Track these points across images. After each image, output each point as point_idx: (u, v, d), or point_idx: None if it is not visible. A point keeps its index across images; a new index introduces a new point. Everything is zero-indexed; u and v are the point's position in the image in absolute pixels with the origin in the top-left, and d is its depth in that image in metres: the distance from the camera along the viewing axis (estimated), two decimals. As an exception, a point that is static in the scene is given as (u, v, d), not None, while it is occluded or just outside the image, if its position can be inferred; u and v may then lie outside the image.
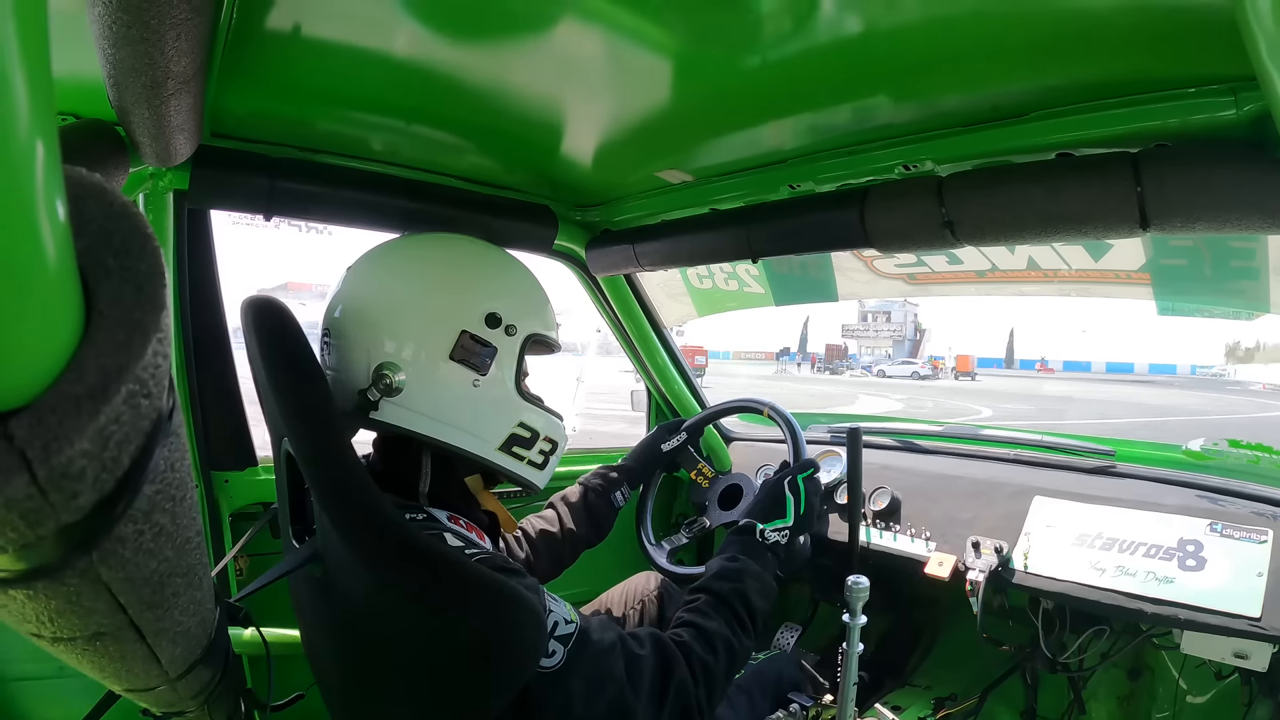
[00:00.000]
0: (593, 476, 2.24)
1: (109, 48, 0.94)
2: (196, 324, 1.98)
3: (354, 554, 1.23)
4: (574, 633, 1.32)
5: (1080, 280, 2.20)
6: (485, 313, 1.47)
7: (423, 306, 1.45)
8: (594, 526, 2.15)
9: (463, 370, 1.45)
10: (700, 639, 1.51)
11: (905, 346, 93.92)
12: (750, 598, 1.65)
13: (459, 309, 1.46)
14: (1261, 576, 1.77)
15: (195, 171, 1.77)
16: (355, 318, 1.46)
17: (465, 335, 1.45)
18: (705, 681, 1.46)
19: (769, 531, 1.84)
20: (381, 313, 1.45)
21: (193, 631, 0.87)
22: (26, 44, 0.30)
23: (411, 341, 1.43)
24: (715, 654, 1.50)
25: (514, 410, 1.53)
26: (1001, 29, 1.20)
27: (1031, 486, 2.28)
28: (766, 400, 2.44)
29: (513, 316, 1.50)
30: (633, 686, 1.35)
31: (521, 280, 1.59)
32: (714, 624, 1.56)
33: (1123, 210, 1.36)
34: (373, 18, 1.30)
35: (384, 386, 1.40)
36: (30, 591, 0.47)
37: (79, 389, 0.37)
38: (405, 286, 1.48)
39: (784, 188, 1.96)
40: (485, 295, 1.49)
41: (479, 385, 1.47)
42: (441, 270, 1.52)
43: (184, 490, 0.58)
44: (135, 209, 0.43)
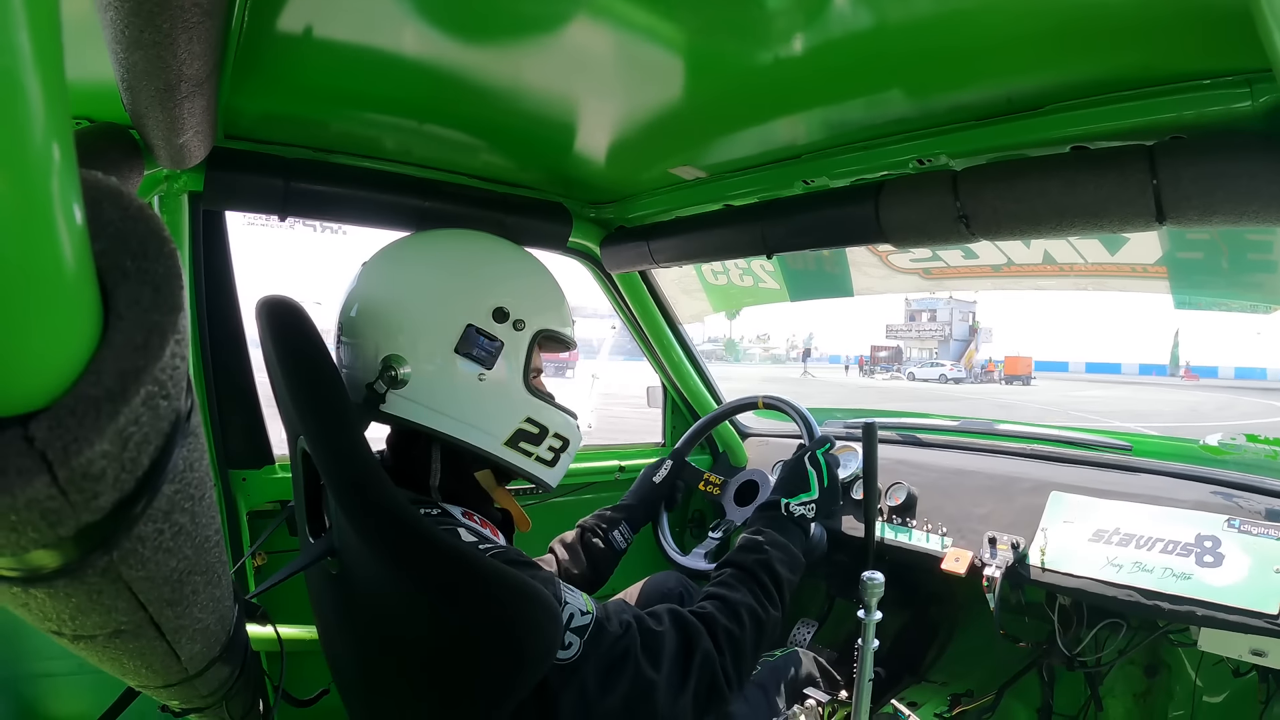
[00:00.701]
0: (592, 518, 2.21)
1: (121, 52, 0.95)
2: (213, 324, 1.99)
3: (369, 550, 1.23)
4: (590, 624, 1.32)
5: (1096, 274, 2.19)
6: (493, 306, 1.47)
7: (430, 299, 1.45)
8: (593, 569, 2.11)
9: (468, 364, 1.45)
10: (724, 609, 1.51)
11: (951, 347, 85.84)
12: (775, 567, 1.64)
13: (465, 302, 1.46)
14: (1279, 573, 1.76)
15: (209, 173, 1.78)
16: (366, 313, 1.46)
17: (471, 329, 1.44)
18: (732, 651, 1.45)
19: (793, 505, 1.83)
20: (390, 306, 1.45)
21: (212, 629, 0.88)
22: (40, 49, 0.30)
23: (417, 334, 1.43)
24: (740, 624, 1.49)
25: (521, 405, 1.52)
26: (1015, 22, 1.20)
27: (1048, 482, 2.27)
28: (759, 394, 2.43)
29: (521, 311, 1.49)
30: (652, 663, 1.35)
31: (533, 276, 1.58)
32: (738, 594, 1.55)
33: (1139, 203, 1.35)
34: (383, 18, 1.31)
35: (390, 378, 1.40)
36: (52, 590, 0.48)
37: (98, 391, 0.38)
38: (414, 280, 1.48)
39: (798, 183, 1.96)
40: (493, 289, 1.49)
41: (485, 379, 1.46)
42: (450, 264, 1.51)
43: (203, 489, 0.59)
44: (151, 211, 0.43)
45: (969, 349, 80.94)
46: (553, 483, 1.61)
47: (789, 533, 1.76)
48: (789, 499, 1.84)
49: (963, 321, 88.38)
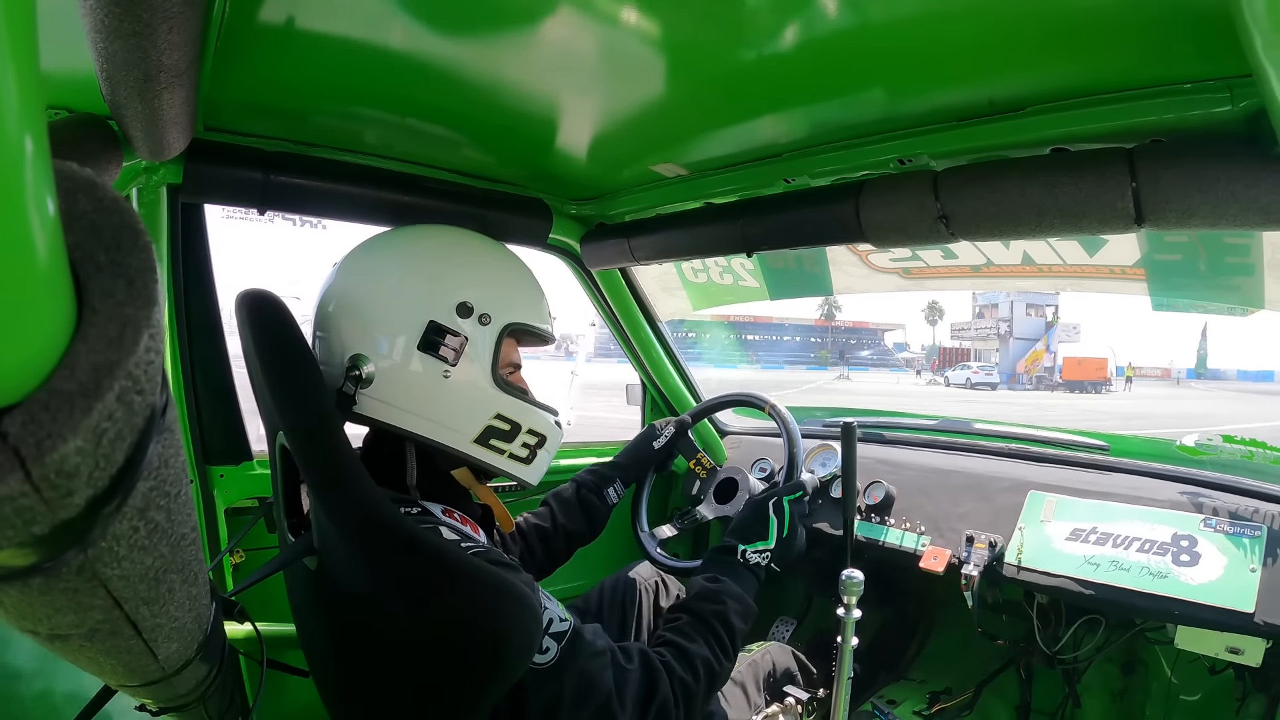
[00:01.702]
0: (586, 473, 2.23)
1: (101, 41, 0.94)
2: (191, 319, 1.98)
3: (349, 547, 1.23)
4: (568, 631, 1.32)
5: (1075, 275, 2.21)
6: (456, 302, 1.45)
7: (392, 296, 1.44)
8: (588, 522, 2.14)
9: (431, 361, 1.43)
10: (682, 660, 1.52)
11: (1012, 347, 76.71)
12: (730, 619, 1.64)
13: (427, 298, 1.44)
14: (1255, 571, 1.78)
15: (189, 165, 1.76)
16: (335, 310, 1.45)
17: (433, 324, 1.42)
18: (685, 703, 1.47)
19: (750, 553, 1.83)
20: (355, 304, 1.44)
21: (189, 627, 0.87)
22: (14, 38, 0.30)
23: (380, 332, 1.42)
24: (696, 676, 1.51)
25: (490, 402, 1.50)
26: (998, 23, 1.20)
27: (1026, 481, 2.29)
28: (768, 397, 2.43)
29: (487, 306, 1.47)
30: (619, 698, 1.37)
31: (501, 269, 1.56)
32: (695, 645, 1.56)
33: (1118, 206, 1.36)
34: (365, 11, 1.30)
35: (355, 377, 1.39)
36: (26, 588, 0.47)
37: (71, 385, 0.37)
38: (378, 277, 1.46)
39: (779, 181, 1.96)
40: (457, 284, 1.47)
41: (450, 376, 1.45)
42: (414, 260, 1.50)
43: (179, 486, 0.58)
44: (126, 203, 0.43)
45: (1034, 349, 72.83)
46: (533, 480, 1.60)
47: (743, 581, 1.77)
48: (745, 545, 1.85)
49: (1033, 317, 79.63)
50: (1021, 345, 76.76)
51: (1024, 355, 73.47)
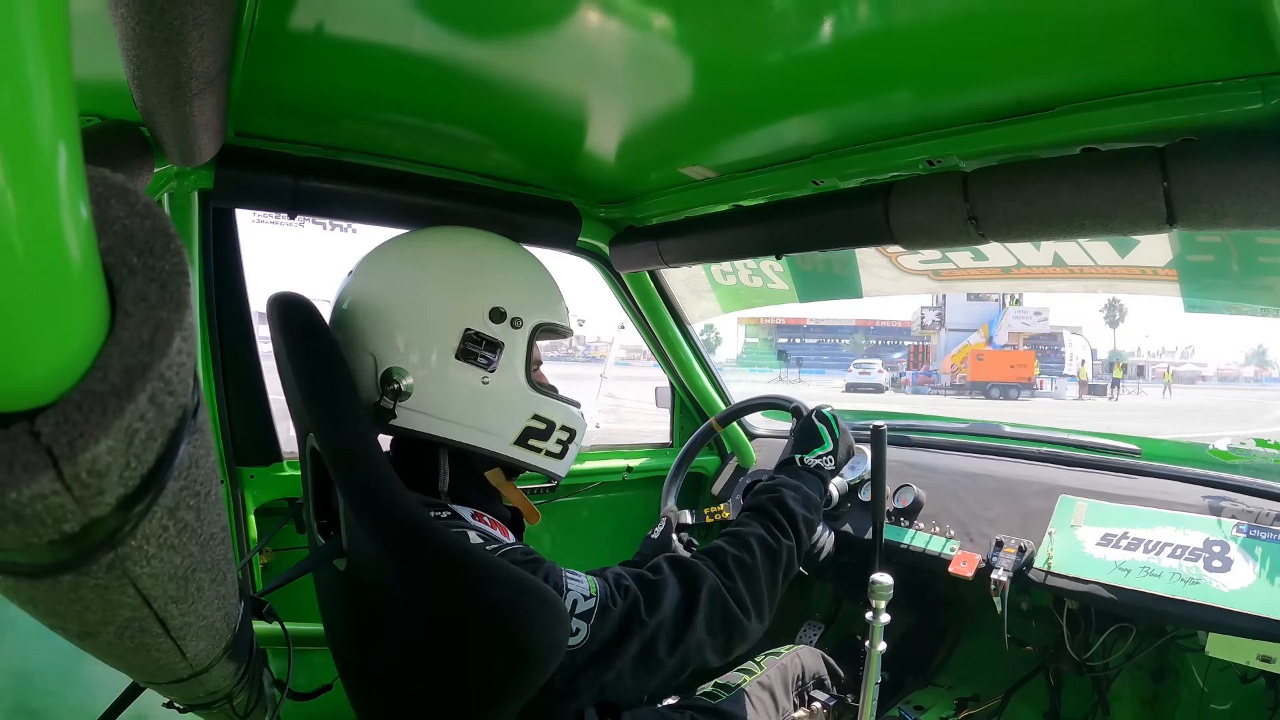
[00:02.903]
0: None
1: (132, 49, 0.95)
2: (222, 322, 2.00)
3: (379, 550, 1.24)
4: (594, 608, 1.32)
5: (1107, 277, 2.18)
6: (489, 307, 1.45)
7: (425, 306, 1.43)
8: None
9: (471, 369, 1.43)
10: (733, 541, 1.54)
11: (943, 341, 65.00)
12: (787, 502, 1.66)
13: (462, 306, 1.44)
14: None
15: (219, 171, 1.78)
16: (359, 319, 1.44)
17: (470, 333, 1.42)
18: (744, 577, 1.48)
19: (809, 459, 1.84)
20: (383, 314, 1.43)
21: (217, 626, 0.88)
22: (48, 46, 0.30)
23: (416, 343, 1.42)
24: (750, 551, 1.52)
25: (527, 403, 1.51)
26: (1025, 23, 1.19)
27: (1056, 485, 2.26)
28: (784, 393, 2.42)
29: (518, 309, 1.47)
30: (653, 610, 1.36)
31: (525, 269, 1.57)
32: (747, 528, 1.58)
33: (1149, 206, 1.35)
34: (393, 17, 1.31)
35: (394, 391, 1.38)
36: (56, 586, 0.48)
37: (104, 387, 0.38)
38: (406, 286, 1.46)
39: (808, 184, 1.95)
40: (488, 289, 1.47)
41: (489, 382, 1.45)
42: (442, 267, 1.50)
43: (209, 486, 0.59)
44: (158, 208, 0.43)
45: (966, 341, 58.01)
46: (562, 473, 1.61)
47: (804, 478, 1.78)
48: (804, 454, 1.85)
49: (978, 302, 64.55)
50: (956, 338, 63.58)
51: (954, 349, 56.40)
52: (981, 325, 63.11)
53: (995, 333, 60.67)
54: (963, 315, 66.32)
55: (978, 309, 65.57)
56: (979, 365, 46.22)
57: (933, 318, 68.88)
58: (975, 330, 63.56)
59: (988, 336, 60.54)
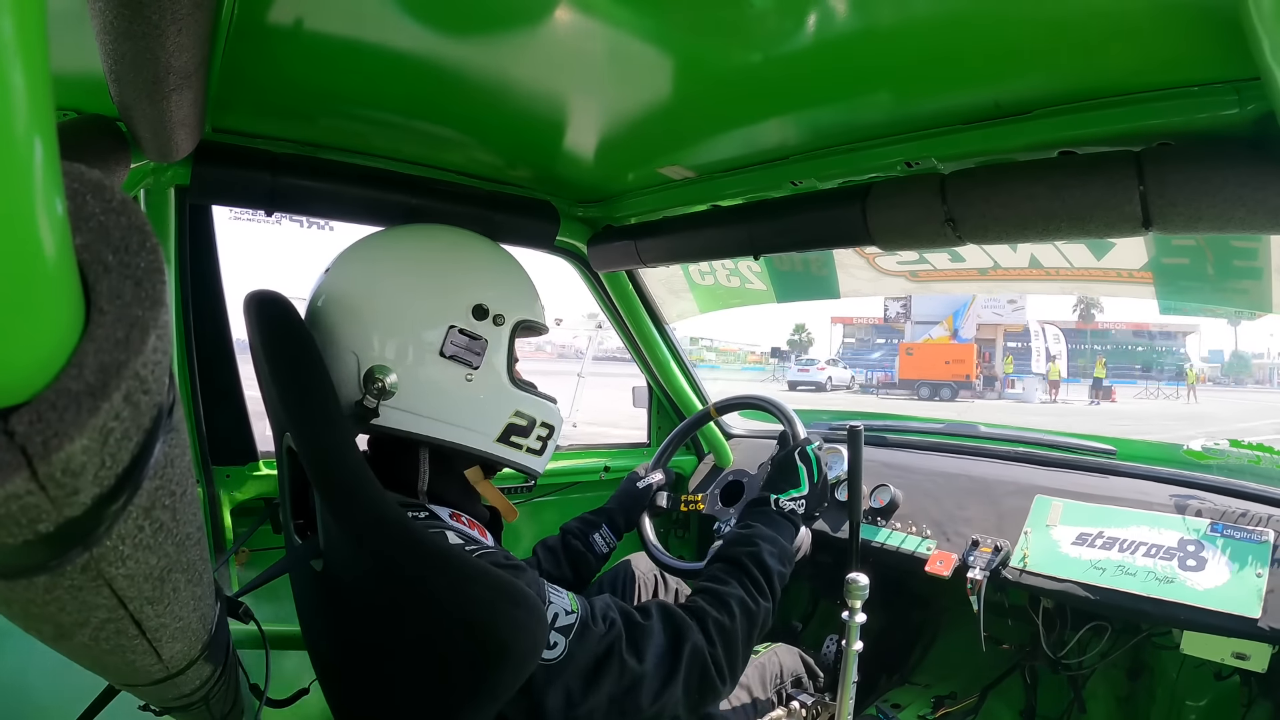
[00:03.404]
0: (574, 521, 2.23)
1: (110, 43, 0.94)
2: (198, 319, 1.98)
3: (357, 551, 1.24)
4: (575, 623, 1.32)
5: (1083, 279, 2.20)
6: (472, 304, 1.45)
7: (408, 304, 1.43)
8: (574, 571, 2.14)
9: (455, 366, 1.43)
10: (714, 602, 1.52)
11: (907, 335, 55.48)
12: (764, 559, 1.65)
13: (445, 303, 1.44)
14: (1261, 577, 1.77)
15: (197, 167, 1.76)
16: (339, 317, 1.43)
17: (454, 330, 1.43)
18: (723, 642, 1.46)
19: (783, 501, 1.84)
20: (366, 313, 1.43)
21: (193, 627, 0.87)
22: (24, 40, 0.30)
23: (399, 341, 1.41)
24: (731, 615, 1.50)
25: (509, 400, 1.51)
26: (1003, 27, 1.20)
27: (1032, 485, 2.28)
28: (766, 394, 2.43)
29: (500, 305, 1.47)
30: (637, 656, 1.36)
31: (505, 267, 1.57)
32: (727, 587, 1.56)
33: (1126, 209, 1.36)
34: (373, 14, 1.30)
35: (378, 390, 1.38)
36: (31, 586, 0.47)
37: (79, 385, 0.37)
38: (388, 284, 1.46)
39: (786, 184, 1.95)
40: (471, 286, 1.47)
41: (472, 380, 1.45)
42: (424, 263, 1.50)
43: (185, 486, 0.59)
44: (134, 205, 0.43)
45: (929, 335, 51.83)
46: (540, 470, 1.61)
47: (779, 527, 1.77)
48: (778, 495, 1.85)
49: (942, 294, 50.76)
50: (920, 331, 57.28)
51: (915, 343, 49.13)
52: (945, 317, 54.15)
53: (961, 324, 52.01)
54: (930, 306, 57.63)
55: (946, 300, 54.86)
56: (908, 361, 41.53)
57: (897, 309, 61.97)
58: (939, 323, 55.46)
59: (952, 329, 52.34)
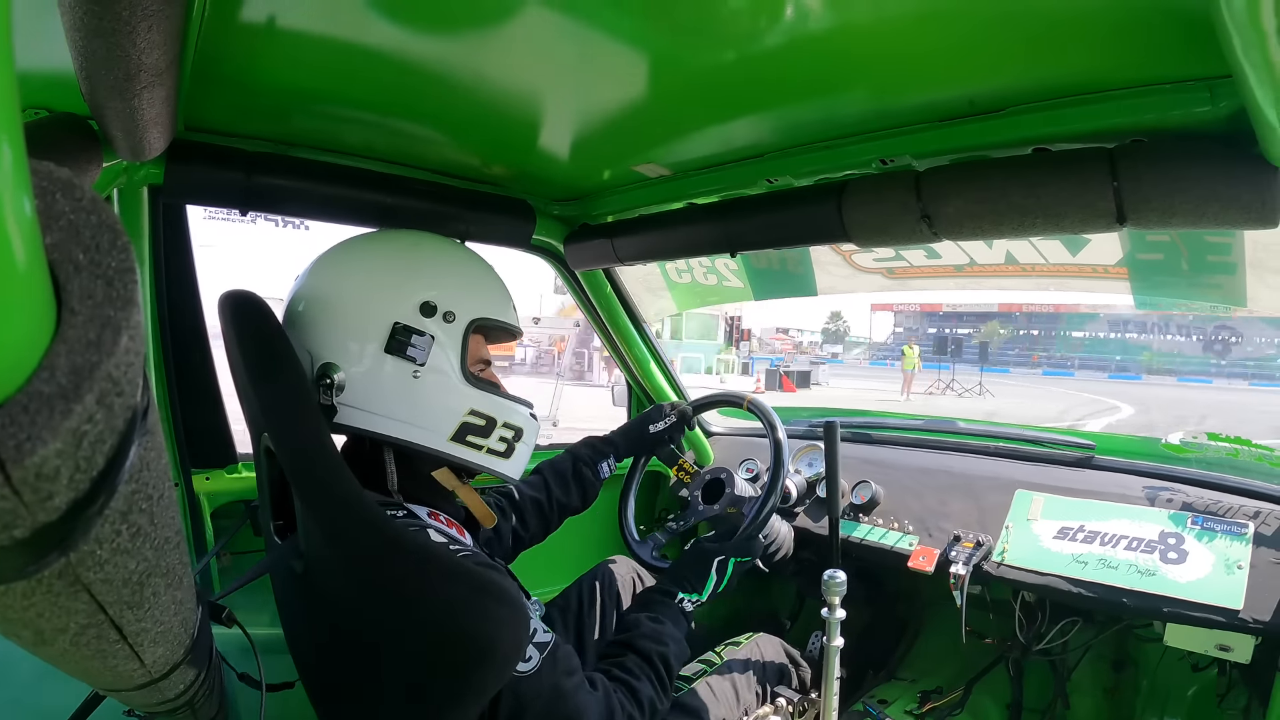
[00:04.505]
0: (581, 445, 2.27)
1: (80, 40, 0.93)
2: (174, 320, 1.97)
3: (337, 551, 1.24)
4: (550, 642, 1.35)
5: (1058, 275, 2.21)
6: (419, 302, 1.46)
7: (354, 301, 1.46)
8: (581, 495, 2.19)
9: (400, 362, 1.44)
10: (632, 699, 1.55)
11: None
12: (671, 661, 1.69)
13: (390, 300, 1.45)
14: (1242, 569, 1.79)
15: (170, 166, 1.75)
16: (298, 319, 1.46)
17: (398, 326, 1.44)
18: None
19: (686, 602, 1.87)
20: (320, 312, 1.46)
21: (175, 631, 0.87)
22: None
23: (348, 338, 1.43)
24: (642, 712, 1.54)
25: (461, 398, 1.51)
26: (977, 24, 1.20)
27: (1012, 480, 2.30)
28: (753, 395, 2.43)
29: (451, 303, 1.48)
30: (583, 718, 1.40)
31: (462, 267, 1.57)
32: (642, 685, 1.59)
33: (1099, 205, 1.37)
34: (346, 10, 1.29)
35: (327, 387, 1.40)
36: (7, 592, 0.47)
37: (51, 388, 0.37)
38: (340, 284, 1.49)
39: (762, 182, 1.96)
40: (418, 284, 1.48)
41: (419, 376, 1.46)
42: (374, 264, 1.52)
43: (161, 489, 0.58)
44: (104, 203, 0.42)
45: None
46: (514, 475, 1.61)
47: (680, 625, 1.81)
48: (684, 595, 1.88)
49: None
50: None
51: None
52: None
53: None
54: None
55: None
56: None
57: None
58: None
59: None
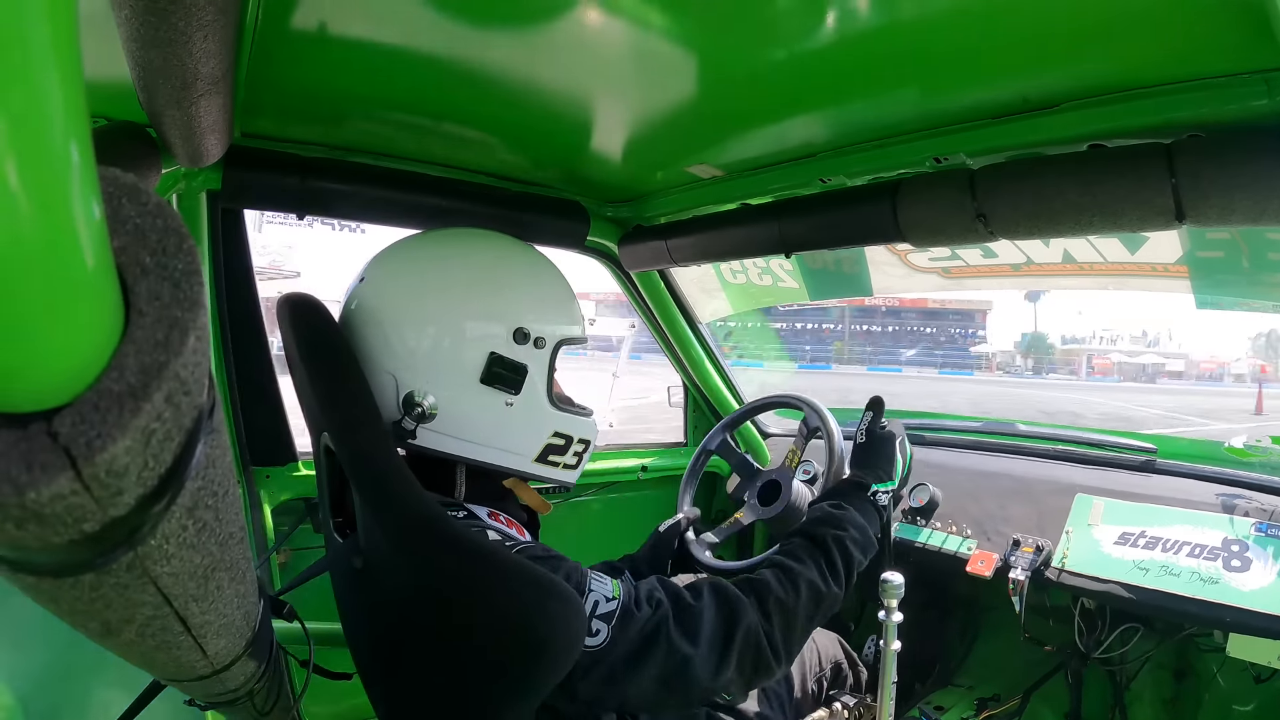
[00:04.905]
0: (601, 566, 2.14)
1: (137, 50, 0.95)
2: (234, 322, 2.01)
3: (396, 549, 1.25)
4: (616, 610, 1.30)
5: (1117, 274, 2.16)
6: (513, 329, 1.42)
7: (447, 328, 1.41)
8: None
9: (495, 392, 1.42)
10: (783, 579, 1.47)
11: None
12: (849, 547, 1.60)
13: (486, 329, 1.41)
14: None
15: (227, 171, 1.79)
16: (376, 334, 1.42)
17: (494, 357, 1.40)
18: (782, 623, 1.42)
19: (880, 493, 1.78)
20: (404, 334, 1.41)
21: (237, 624, 0.89)
22: (59, 48, 0.30)
23: (439, 367, 1.39)
24: (797, 594, 1.46)
25: (548, 422, 1.50)
26: (1030, 20, 1.19)
27: (1073, 484, 2.25)
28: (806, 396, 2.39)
29: (541, 327, 1.45)
30: (688, 638, 1.33)
31: (545, 282, 1.52)
32: (802, 566, 1.51)
33: (1157, 202, 1.34)
34: (396, 16, 1.31)
35: (417, 415, 1.37)
36: (77, 584, 0.49)
37: (120, 386, 0.38)
38: (427, 306, 1.42)
39: (815, 181, 1.94)
40: (511, 309, 1.44)
41: (512, 405, 1.43)
42: (464, 284, 1.45)
43: (226, 486, 0.59)
44: (170, 208, 0.44)
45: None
46: (574, 482, 1.60)
47: (869, 515, 1.72)
48: (877, 484, 1.79)
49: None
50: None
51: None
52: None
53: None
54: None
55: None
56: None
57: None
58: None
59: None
